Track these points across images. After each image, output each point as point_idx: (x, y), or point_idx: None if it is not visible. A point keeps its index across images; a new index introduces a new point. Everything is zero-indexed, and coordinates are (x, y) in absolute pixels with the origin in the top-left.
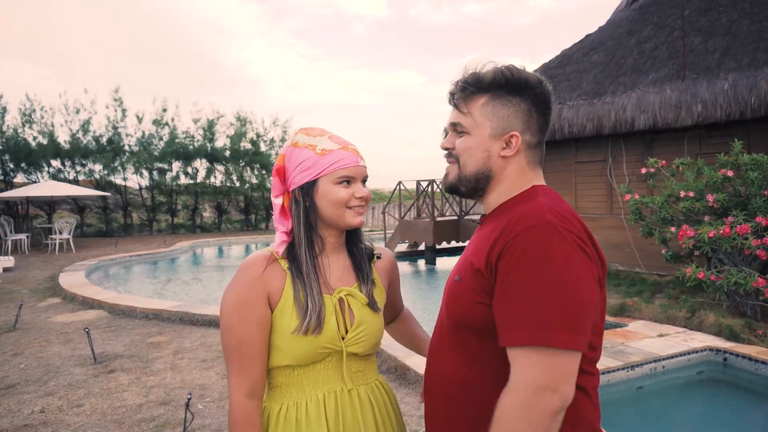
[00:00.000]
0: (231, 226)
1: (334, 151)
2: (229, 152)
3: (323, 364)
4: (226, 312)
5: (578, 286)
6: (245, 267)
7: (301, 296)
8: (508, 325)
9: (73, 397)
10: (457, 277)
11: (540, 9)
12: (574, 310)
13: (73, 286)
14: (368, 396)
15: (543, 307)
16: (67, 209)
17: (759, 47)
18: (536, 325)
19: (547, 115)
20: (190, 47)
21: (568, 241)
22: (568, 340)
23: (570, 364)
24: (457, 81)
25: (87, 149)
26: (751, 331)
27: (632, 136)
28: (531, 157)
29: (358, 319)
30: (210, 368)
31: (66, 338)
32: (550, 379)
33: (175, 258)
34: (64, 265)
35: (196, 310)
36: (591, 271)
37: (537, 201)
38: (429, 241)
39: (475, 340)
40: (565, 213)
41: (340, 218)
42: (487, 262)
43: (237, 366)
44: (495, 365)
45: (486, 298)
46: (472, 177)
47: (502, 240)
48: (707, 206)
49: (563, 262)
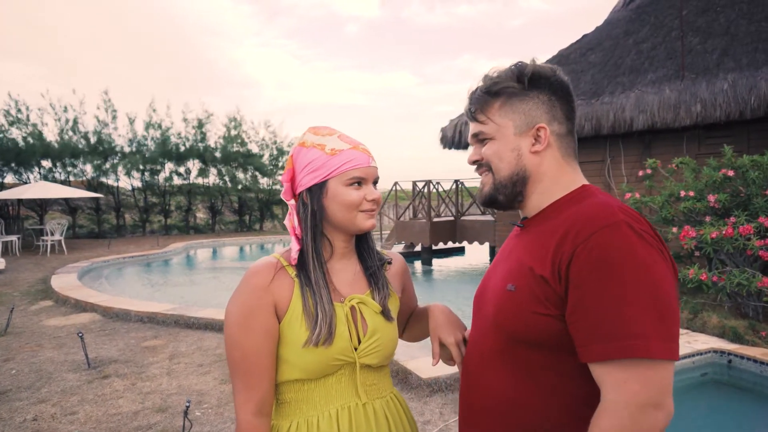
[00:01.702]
0: (225, 227)
1: (345, 150)
2: (221, 154)
3: (335, 377)
4: (231, 323)
5: (667, 290)
6: (250, 275)
7: (311, 305)
8: (594, 337)
9: (67, 404)
10: (512, 286)
11: (532, 11)
12: (667, 316)
13: (65, 289)
14: (383, 410)
15: (637, 315)
16: (59, 210)
17: (758, 47)
18: (632, 334)
19: (570, 102)
20: (183, 47)
21: (648, 242)
22: (666, 349)
23: (669, 375)
24: (471, 92)
25: (77, 149)
26: (755, 333)
27: (631, 137)
28: (564, 148)
29: (371, 328)
30: (207, 373)
31: (59, 342)
32: (653, 394)
33: (169, 259)
34: (56, 267)
35: (191, 313)
36: (672, 273)
37: (599, 199)
38: (425, 241)
39: (533, 355)
40: (635, 212)
41: (351, 222)
42: (553, 268)
43: (243, 382)
44: (553, 382)
45: (551, 309)
46: (507, 181)
47: (570, 243)
48: (708, 206)
49: (649, 265)
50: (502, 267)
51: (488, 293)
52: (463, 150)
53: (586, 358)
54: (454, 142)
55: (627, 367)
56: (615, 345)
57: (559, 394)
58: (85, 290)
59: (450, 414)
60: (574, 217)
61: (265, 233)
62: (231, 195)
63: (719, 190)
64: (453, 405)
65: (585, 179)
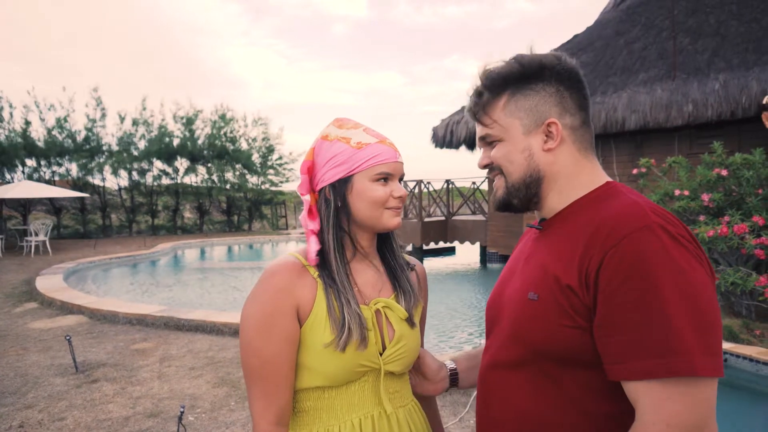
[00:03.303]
0: (213, 227)
1: (372, 144)
2: (209, 150)
3: (358, 384)
4: (249, 328)
5: (708, 300)
6: (270, 275)
7: (335, 307)
8: (630, 353)
9: (54, 409)
10: (534, 294)
11: (518, 12)
12: (710, 328)
13: (50, 291)
14: (407, 420)
15: (678, 328)
16: (43, 210)
17: (748, 48)
18: (674, 350)
19: (581, 90)
20: (171, 46)
21: (686, 247)
22: (711, 364)
23: (713, 393)
24: (471, 92)
25: (63, 148)
26: (749, 332)
27: (623, 136)
28: (580, 142)
29: (398, 334)
30: (199, 376)
31: (45, 346)
32: (697, 415)
33: (157, 260)
34: (40, 268)
35: (182, 315)
36: (711, 280)
37: (627, 198)
38: (417, 241)
39: (558, 370)
40: (668, 213)
41: (377, 219)
42: (580, 276)
43: (262, 390)
44: (578, 397)
45: (579, 321)
46: (520, 184)
47: (599, 247)
48: (702, 206)
49: (688, 272)
50: (521, 273)
51: (505, 301)
52: (454, 149)
53: (620, 376)
54: (446, 141)
55: (668, 385)
56: (655, 363)
57: (584, 411)
58: (72, 292)
59: (449, 416)
60: (600, 218)
61: (253, 233)
62: (219, 195)
63: (713, 190)
64: (452, 407)
65: (607, 175)
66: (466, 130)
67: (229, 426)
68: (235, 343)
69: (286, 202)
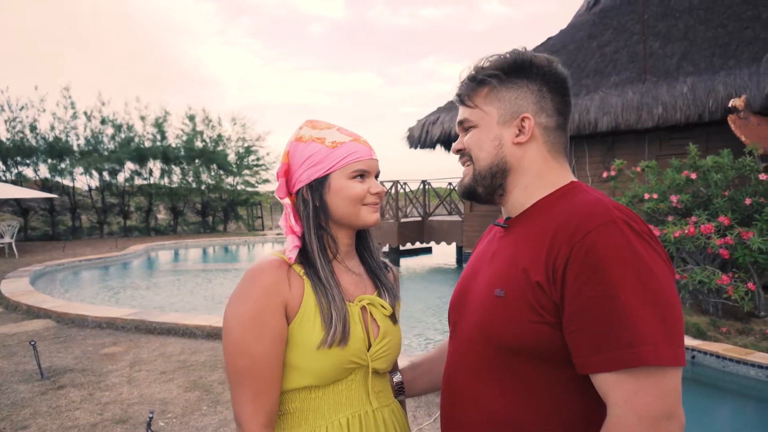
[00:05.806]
0: (187, 228)
1: (347, 143)
2: (183, 151)
3: (346, 383)
4: (236, 327)
5: (670, 292)
6: (258, 273)
7: (324, 304)
8: (598, 345)
9: (18, 417)
10: (501, 291)
11: (494, 15)
12: (672, 320)
13: (16, 294)
14: (392, 420)
15: (643, 320)
16: (9, 212)
17: (715, 52)
18: (640, 341)
19: (564, 95)
20: (144, 44)
21: (648, 242)
22: (675, 354)
23: (679, 383)
24: (461, 76)
25: (31, 148)
26: (716, 329)
27: (595, 138)
28: (551, 143)
29: (383, 330)
30: (170, 381)
31: (8, 351)
32: (665, 404)
33: (129, 262)
34: (6, 271)
35: (153, 318)
36: (671, 274)
37: (591, 195)
38: (393, 242)
39: (527, 367)
40: (630, 210)
41: (355, 216)
42: (548, 271)
43: (251, 391)
44: (548, 395)
45: (546, 316)
46: (486, 172)
47: (565, 243)
48: (671, 206)
49: (651, 266)
50: (487, 270)
51: (470, 300)
52: (430, 149)
53: (588, 369)
54: (421, 141)
55: (636, 376)
56: (623, 353)
57: (555, 408)
58: (38, 295)
59: (423, 417)
60: (565, 214)
61: (229, 234)
62: (194, 197)
63: (681, 191)
64: (426, 408)
65: (574, 177)
66: (441, 130)
67: (200, 431)
68: (208, 346)
69: (262, 202)
